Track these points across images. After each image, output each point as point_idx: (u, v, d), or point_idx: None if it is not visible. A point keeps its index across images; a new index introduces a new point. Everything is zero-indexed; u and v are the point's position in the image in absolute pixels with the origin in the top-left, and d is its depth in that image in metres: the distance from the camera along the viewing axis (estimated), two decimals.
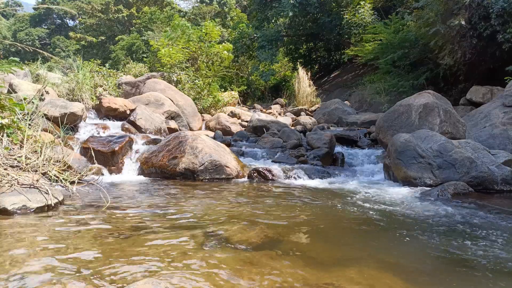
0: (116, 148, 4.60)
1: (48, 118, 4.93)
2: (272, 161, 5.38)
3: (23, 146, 3.48)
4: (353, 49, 12.10)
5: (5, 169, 3.03)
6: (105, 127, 5.92)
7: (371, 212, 2.93)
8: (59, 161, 3.64)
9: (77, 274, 1.60)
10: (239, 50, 14.95)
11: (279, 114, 10.95)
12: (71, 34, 33.85)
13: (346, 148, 6.32)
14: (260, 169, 4.58)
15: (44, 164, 3.38)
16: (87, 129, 5.67)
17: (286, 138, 6.58)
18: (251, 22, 17.84)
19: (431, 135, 4.35)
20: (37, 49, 4.32)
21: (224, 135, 7.54)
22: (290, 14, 14.24)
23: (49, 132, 4.49)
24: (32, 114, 4.12)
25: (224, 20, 25.26)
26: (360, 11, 12.92)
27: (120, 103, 6.61)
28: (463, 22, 7.55)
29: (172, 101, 7.78)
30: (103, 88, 7.98)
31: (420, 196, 3.62)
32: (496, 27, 7.27)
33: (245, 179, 4.57)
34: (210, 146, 4.71)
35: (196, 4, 30.61)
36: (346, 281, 1.63)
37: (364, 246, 2.16)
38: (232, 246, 2.04)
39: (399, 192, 3.81)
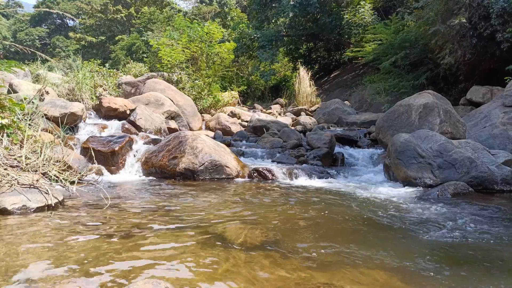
0: (116, 148, 4.60)
1: (48, 118, 4.93)
2: (272, 161, 5.38)
3: (23, 146, 3.48)
4: (353, 50, 12.10)
5: (5, 169, 3.03)
6: (105, 127, 5.92)
7: (371, 212, 2.93)
8: (59, 161, 3.63)
9: (77, 274, 1.60)
10: (239, 50, 14.94)
11: (279, 114, 10.95)
12: (71, 34, 33.87)
13: (346, 148, 6.32)
14: (260, 169, 4.58)
15: (44, 164, 3.38)
16: (87, 129, 5.67)
17: (286, 138, 6.58)
18: (251, 22, 17.83)
19: (431, 135, 4.35)
20: (35, 51, 4.31)
21: (224, 135, 7.54)
22: (290, 14, 14.23)
23: (49, 132, 4.49)
24: (32, 114, 4.12)
25: (224, 20, 25.26)
26: (360, 11, 12.92)
27: (120, 103, 6.60)
28: (463, 20, 7.55)
29: (172, 101, 7.78)
30: (103, 88, 7.97)
31: (420, 196, 3.62)
32: (496, 27, 7.28)
33: (245, 179, 4.57)
34: (210, 146, 4.71)
35: (196, 4, 30.61)
36: (346, 281, 1.63)
37: (364, 246, 2.15)
38: (232, 246, 2.04)
39: (399, 192, 3.81)
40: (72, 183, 3.41)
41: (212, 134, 7.43)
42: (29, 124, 3.88)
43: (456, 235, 2.36)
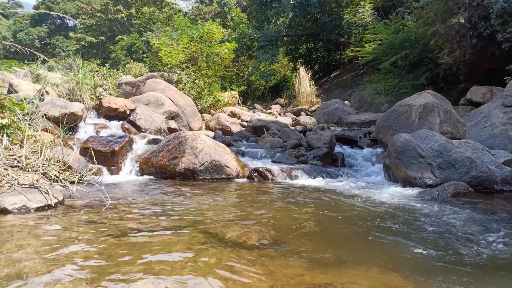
0: (116, 148, 4.60)
1: (48, 118, 4.93)
2: (272, 161, 5.38)
3: (23, 146, 3.48)
4: (353, 50, 12.10)
5: (5, 169, 3.03)
6: (105, 127, 5.92)
7: (371, 212, 2.93)
8: (59, 161, 3.63)
9: (77, 274, 1.60)
10: (239, 50, 14.95)
11: (279, 114, 10.95)
12: (71, 34, 33.90)
13: (346, 148, 6.32)
14: (260, 169, 4.58)
15: (44, 164, 3.38)
16: (87, 129, 5.67)
17: (286, 138, 6.58)
18: (251, 22, 17.84)
19: (431, 135, 4.35)
20: (35, 51, 4.31)
21: (224, 135, 7.54)
22: (291, 14, 14.23)
23: (49, 132, 4.49)
24: (32, 114, 4.12)
25: (224, 21, 25.27)
26: (360, 11, 12.92)
27: (120, 103, 6.60)
28: (462, 21, 7.55)
29: (172, 101, 7.78)
30: (103, 88, 7.97)
31: (420, 196, 3.62)
32: (496, 27, 7.27)
33: (245, 179, 4.57)
34: (210, 146, 4.71)
35: (196, 5, 30.62)
36: (346, 281, 1.63)
37: (364, 246, 2.16)
38: (232, 246, 2.04)
39: (399, 192, 3.81)
40: (72, 183, 3.41)
41: (212, 134, 7.43)
42: (29, 124, 3.88)
43: (456, 235, 2.36)
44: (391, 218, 2.76)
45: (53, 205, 2.80)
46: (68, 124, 5.18)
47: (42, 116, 4.44)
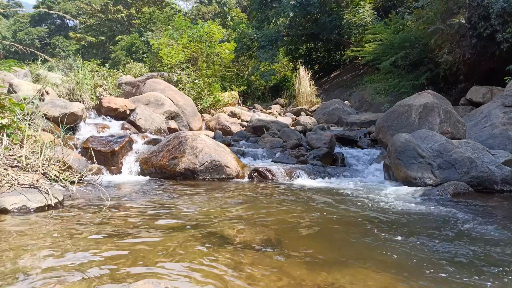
0: (116, 148, 4.60)
1: (48, 118, 4.93)
2: (272, 161, 5.38)
3: (23, 146, 3.48)
4: (354, 50, 12.10)
5: (5, 169, 3.03)
6: (105, 127, 5.92)
7: (371, 212, 2.93)
8: (59, 161, 3.63)
9: (77, 274, 1.60)
10: (239, 50, 14.95)
11: (279, 114, 10.95)
12: (71, 34, 33.89)
13: (346, 148, 6.32)
14: (260, 169, 4.58)
15: (44, 164, 3.38)
16: (87, 129, 5.67)
17: (286, 138, 6.58)
18: (251, 22, 17.84)
19: (431, 135, 4.35)
20: (35, 51, 4.31)
21: (224, 135, 7.54)
22: (291, 14, 14.22)
23: (49, 132, 4.49)
24: (32, 114, 4.12)
25: (224, 20, 25.26)
26: (360, 11, 12.92)
27: (120, 103, 6.60)
28: (462, 21, 7.55)
29: (172, 101, 7.78)
30: (103, 88, 7.97)
31: (420, 196, 3.62)
32: (496, 27, 7.27)
33: (245, 179, 4.57)
34: (210, 146, 4.71)
35: (196, 5, 30.61)
36: (346, 281, 1.63)
37: (364, 246, 2.16)
38: (232, 246, 2.04)
39: (399, 192, 3.81)
40: (72, 183, 3.41)
41: (212, 134, 7.43)
42: (29, 124, 3.88)
43: (456, 235, 2.37)
44: (391, 219, 2.76)
45: (53, 205, 2.80)
46: (68, 124, 5.18)
47: (42, 116, 4.44)
